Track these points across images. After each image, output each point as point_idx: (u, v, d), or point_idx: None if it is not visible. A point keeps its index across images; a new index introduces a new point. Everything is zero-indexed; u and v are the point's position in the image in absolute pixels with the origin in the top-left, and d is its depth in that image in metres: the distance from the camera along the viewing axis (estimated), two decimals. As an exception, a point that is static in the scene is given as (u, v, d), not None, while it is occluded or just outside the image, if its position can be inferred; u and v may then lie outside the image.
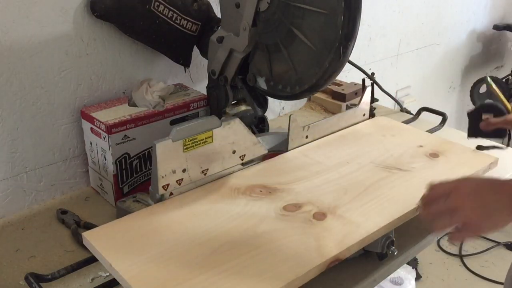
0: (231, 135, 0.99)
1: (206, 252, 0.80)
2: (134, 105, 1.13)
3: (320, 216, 0.89)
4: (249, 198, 0.95)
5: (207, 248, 0.81)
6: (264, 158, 1.07)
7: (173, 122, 1.13)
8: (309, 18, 0.99)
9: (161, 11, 1.00)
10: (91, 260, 0.86)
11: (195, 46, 1.20)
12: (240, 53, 1.09)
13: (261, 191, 0.97)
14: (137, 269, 0.76)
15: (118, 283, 0.80)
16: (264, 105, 1.17)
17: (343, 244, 0.83)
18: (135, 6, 1.01)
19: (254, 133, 1.05)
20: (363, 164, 1.07)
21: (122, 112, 1.09)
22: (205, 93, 1.17)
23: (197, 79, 1.35)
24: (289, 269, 0.77)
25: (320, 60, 0.99)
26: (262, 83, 1.11)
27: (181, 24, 1.03)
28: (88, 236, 0.83)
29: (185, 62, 1.19)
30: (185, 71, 1.14)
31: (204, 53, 1.19)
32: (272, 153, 1.09)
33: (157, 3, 0.99)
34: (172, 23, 1.02)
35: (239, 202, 0.93)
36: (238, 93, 1.17)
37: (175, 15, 1.01)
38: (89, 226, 1.04)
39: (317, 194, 0.96)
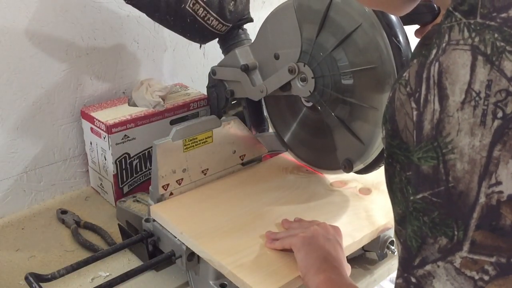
0: (231, 135, 0.99)
1: (266, 222, 0.87)
2: (134, 105, 1.13)
3: (365, 191, 0.98)
4: (297, 176, 1.02)
5: (267, 219, 0.88)
6: (264, 158, 1.07)
7: (173, 122, 1.13)
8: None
9: (196, 10, 0.99)
10: (91, 260, 0.85)
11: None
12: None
13: (307, 170, 1.04)
14: (207, 236, 0.82)
15: (118, 283, 0.80)
16: (260, 126, 1.15)
17: (389, 215, 0.89)
18: (169, 2, 1.00)
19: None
20: None
21: (122, 112, 1.09)
22: (205, 93, 1.16)
23: (197, 79, 1.35)
24: (346, 234, 0.83)
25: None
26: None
27: (211, 24, 1.02)
28: (156, 208, 0.89)
29: (202, 43, 1.15)
30: (200, 47, 1.15)
31: (221, 49, 1.15)
32: (272, 153, 1.09)
33: (193, 1, 0.98)
34: (203, 22, 1.01)
35: (289, 179, 1.01)
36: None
37: (208, 15, 1.00)
38: (89, 226, 1.04)
39: None
